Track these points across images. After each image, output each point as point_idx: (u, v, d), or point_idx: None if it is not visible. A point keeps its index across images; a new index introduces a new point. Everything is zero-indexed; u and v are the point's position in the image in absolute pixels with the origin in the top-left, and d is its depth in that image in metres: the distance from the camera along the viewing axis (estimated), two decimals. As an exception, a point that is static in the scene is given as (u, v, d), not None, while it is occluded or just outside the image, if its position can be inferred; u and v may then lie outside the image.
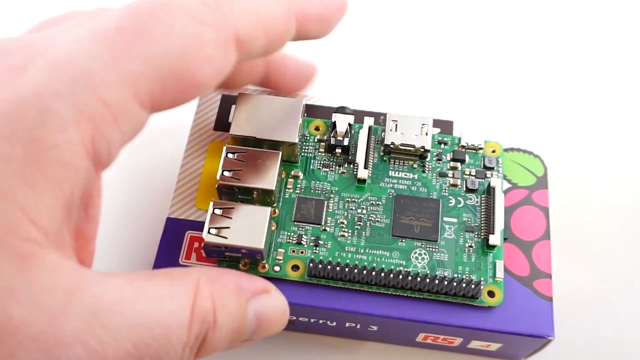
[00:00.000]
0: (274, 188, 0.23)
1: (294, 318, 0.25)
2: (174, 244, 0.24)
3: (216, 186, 0.23)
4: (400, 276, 0.22)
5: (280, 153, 0.23)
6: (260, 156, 0.23)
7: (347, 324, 0.25)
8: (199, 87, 0.16)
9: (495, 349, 0.25)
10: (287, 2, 0.18)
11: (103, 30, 0.15)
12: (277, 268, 0.23)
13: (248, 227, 0.22)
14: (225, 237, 0.21)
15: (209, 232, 0.22)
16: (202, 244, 0.22)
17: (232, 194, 0.23)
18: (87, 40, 0.15)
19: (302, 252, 0.23)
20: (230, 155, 0.23)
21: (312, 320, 0.25)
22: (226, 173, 0.23)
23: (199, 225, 0.24)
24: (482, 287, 0.23)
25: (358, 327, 0.25)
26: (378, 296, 0.23)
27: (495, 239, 0.23)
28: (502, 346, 0.25)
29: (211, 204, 0.22)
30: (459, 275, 0.23)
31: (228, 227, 0.22)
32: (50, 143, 0.13)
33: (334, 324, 0.25)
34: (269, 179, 0.23)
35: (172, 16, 0.15)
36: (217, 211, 0.22)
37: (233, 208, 0.22)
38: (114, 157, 0.16)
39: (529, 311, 0.23)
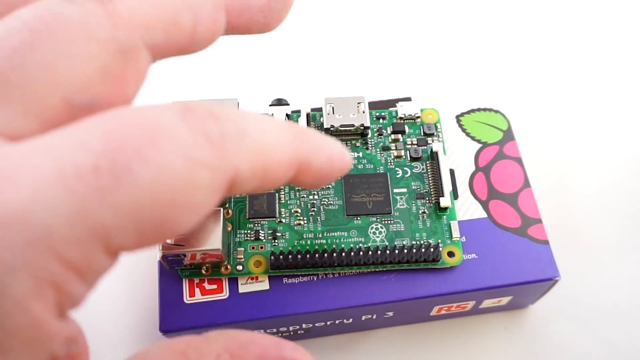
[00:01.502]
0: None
1: (310, 326, 0.25)
2: (173, 286, 0.23)
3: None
4: (361, 253, 0.23)
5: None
6: None
7: (364, 317, 0.25)
8: (177, 233, 0.13)
9: (505, 303, 0.26)
10: (294, 150, 0.15)
11: (74, 168, 0.11)
12: (239, 267, 0.23)
13: (203, 231, 0.22)
14: (182, 245, 0.21)
15: (165, 243, 0.21)
16: (160, 256, 0.22)
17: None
18: (49, 183, 0.11)
19: (262, 247, 0.23)
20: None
21: (328, 322, 0.25)
22: None
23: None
24: (440, 249, 0.23)
25: (374, 317, 0.25)
26: (385, 281, 0.23)
27: (445, 201, 0.24)
28: (512, 298, 0.26)
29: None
30: (417, 242, 0.23)
31: (183, 235, 0.22)
32: (12, 328, 0.11)
33: (350, 320, 0.25)
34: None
35: (164, 155, 0.12)
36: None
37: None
38: (82, 301, 0.13)
39: (530, 259, 0.24)
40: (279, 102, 0.26)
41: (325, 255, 0.22)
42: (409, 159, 0.25)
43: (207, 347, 0.15)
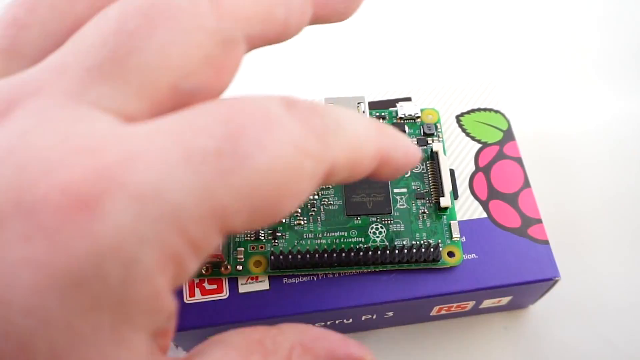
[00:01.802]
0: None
1: None
2: None
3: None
4: (361, 253, 0.23)
5: None
6: None
7: (364, 317, 0.25)
8: (279, 219, 0.14)
9: (506, 303, 0.26)
10: (379, 144, 0.16)
11: (200, 151, 0.12)
12: (239, 267, 0.23)
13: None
14: (182, 245, 0.21)
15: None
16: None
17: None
18: (179, 164, 0.11)
19: (261, 247, 0.23)
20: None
21: (328, 323, 0.25)
22: None
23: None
24: (441, 249, 0.23)
25: (374, 317, 0.25)
26: (385, 281, 0.23)
27: (445, 201, 0.24)
28: (512, 298, 0.26)
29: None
30: (417, 242, 0.23)
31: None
32: (138, 298, 0.11)
33: (350, 320, 0.25)
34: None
35: (279, 143, 0.12)
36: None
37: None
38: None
39: (530, 259, 0.24)
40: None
41: (325, 255, 0.22)
42: (409, 159, 0.25)
43: (282, 337, 0.15)
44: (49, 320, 0.10)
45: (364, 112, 0.25)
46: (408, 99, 0.27)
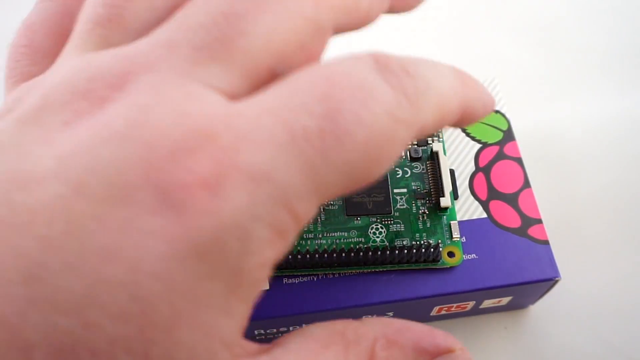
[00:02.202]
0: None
1: None
2: None
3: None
4: (361, 253, 0.23)
5: None
6: None
7: (364, 317, 0.25)
8: (370, 182, 0.14)
9: (506, 303, 0.26)
10: (463, 97, 0.16)
11: (302, 130, 0.12)
12: (239, 267, 0.23)
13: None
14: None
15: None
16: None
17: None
18: (285, 145, 0.12)
19: (261, 248, 0.23)
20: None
21: None
22: None
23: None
24: (440, 249, 0.23)
25: (374, 317, 0.25)
26: (385, 281, 0.23)
27: (445, 201, 0.24)
28: (512, 298, 0.26)
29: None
30: (417, 242, 0.24)
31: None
32: (248, 269, 0.12)
33: None
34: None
35: (374, 115, 0.13)
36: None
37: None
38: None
39: (530, 259, 0.24)
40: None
41: (325, 255, 0.22)
42: (409, 159, 0.25)
43: (365, 329, 0.16)
44: (173, 284, 0.11)
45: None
46: None
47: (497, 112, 0.27)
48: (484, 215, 0.25)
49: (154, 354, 0.11)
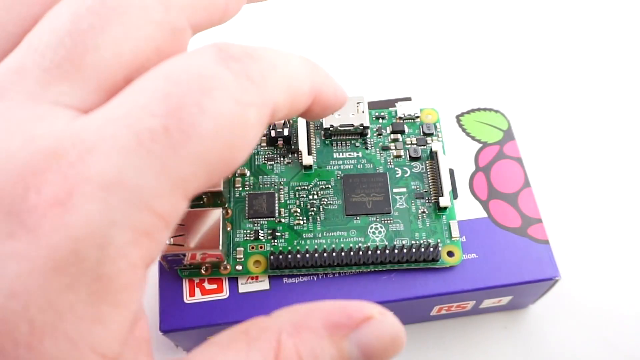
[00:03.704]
0: (222, 189, 0.23)
1: None
2: (173, 286, 0.23)
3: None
4: (361, 252, 0.23)
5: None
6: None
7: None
8: (236, 168, 0.15)
9: (505, 303, 0.26)
10: (312, 81, 0.17)
11: (147, 132, 0.12)
12: (239, 267, 0.23)
13: (202, 231, 0.22)
14: (182, 245, 0.21)
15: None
16: (160, 256, 0.22)
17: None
18: (132, 149, 0.12)
19: (261, 247, 0.23)
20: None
21: None
22: None
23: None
24: (440, 248, 0.23)
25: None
26: (385, 281, 0.23)
27: (445, 201, 0.24)
28: (512, 298, 0.26)
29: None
30: (417, 242, 0.23)
31: (182, 235, 0.22)
32: (113, 273, 0.12)
33: None
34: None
35: (218, 103, 0.13)
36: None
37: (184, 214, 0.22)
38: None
39: (530, 258, 0.24)
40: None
41: (325, 255, 0.22)
42: (408, 158, 0.25)
43: (269, 322, 0.16)
44: (31, 301, 0.12)
45: (363, 112, 0.25)
46: (408, 99, 0.27)
47: (497, 112, 0.27)
48: (484, 214, 0.25)
49: None
